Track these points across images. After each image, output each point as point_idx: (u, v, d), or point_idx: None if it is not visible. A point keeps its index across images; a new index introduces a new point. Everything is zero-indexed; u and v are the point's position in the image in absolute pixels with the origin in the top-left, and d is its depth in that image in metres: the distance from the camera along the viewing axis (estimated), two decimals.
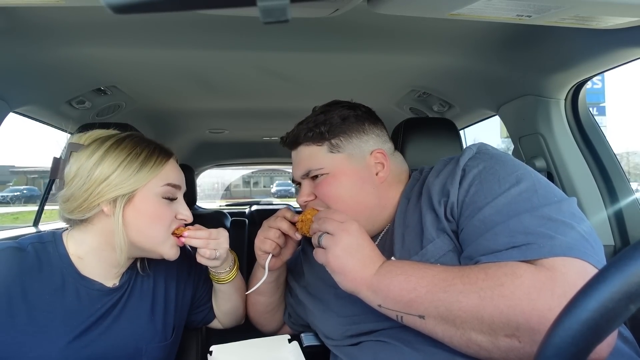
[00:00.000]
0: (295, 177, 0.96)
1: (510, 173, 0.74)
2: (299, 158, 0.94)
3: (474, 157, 0.80)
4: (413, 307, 0.69)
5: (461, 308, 0.64)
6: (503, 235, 0.68)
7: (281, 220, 0.94)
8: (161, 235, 0.86)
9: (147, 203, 0.84)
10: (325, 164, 0.89)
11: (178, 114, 2.02)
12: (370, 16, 0.86)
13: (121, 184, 0.82)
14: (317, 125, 0.90)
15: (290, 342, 0.99)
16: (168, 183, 0.86)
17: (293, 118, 1.81)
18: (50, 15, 0.96)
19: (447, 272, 0.68)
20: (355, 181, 0.88)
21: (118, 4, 0.29)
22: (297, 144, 0.93)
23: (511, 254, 0.66)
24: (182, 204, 0.90)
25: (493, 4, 0.71)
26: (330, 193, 0.88)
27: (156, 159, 0.86)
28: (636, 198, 1.22)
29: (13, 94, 1.20)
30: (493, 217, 0.71)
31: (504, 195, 0.72)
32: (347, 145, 0.90)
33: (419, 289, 0.68)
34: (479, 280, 0.65)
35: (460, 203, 0.76)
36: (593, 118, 1.30)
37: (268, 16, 0.30)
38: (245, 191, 15.27)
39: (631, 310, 0.34)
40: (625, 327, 0.75)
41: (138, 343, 0.90)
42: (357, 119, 0.92)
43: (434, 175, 0.83)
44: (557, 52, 1.10)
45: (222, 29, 1.08)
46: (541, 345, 0.37)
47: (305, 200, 0.93)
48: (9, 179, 18.94)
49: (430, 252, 0.77)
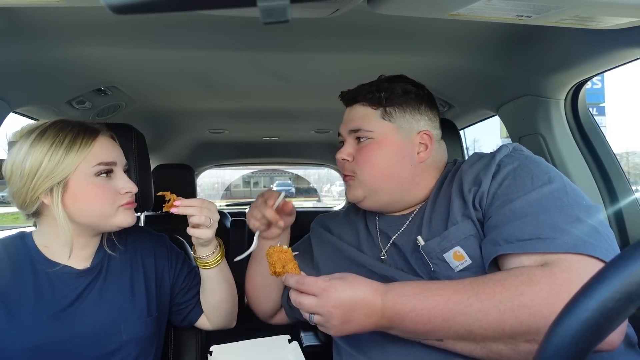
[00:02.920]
0: (343, 131, 0.96)
1: (544, 173, 0.77)
2: (352, 115, 0.95)
3: (509, 155, 0.83)
4: (430, 335, 0.70)
5: (482, 326, 0.65)
6: (530, 226, 0.70)
7: (261, 205, 0.98)
8: (107, 212, 0.88)
9: (82, 186, 0.85)
10: (375, 127, 0.91)
11: (178, 114, 2.02)
12: (370, 16, 0.86)
13: (52, 174, 0.83)
14: (379, 90, 0.92)
15: (290, 342, 0.99)
16: (99, 162, 0.87)
17: (293, 118, 1.81)
18: (50, 15, 0.96)
19: (460, 293, 0.67)
20: (395, 153, 0.90)
21: (118, 4, 0.29)
22: (355, 101, 0.95)
23: (535, 245, 0.68)
24: (121, 178, 0.91)
25: (493, 4, 0.71)
26: (370, 159, 0.90)
27: (81, 141, 0.86)
28: (636, 198, 1.22)
29: (13, 94, 1.20)
30: (524, 209, 0.72)
31: (536, 191, 0.74)
32: (399, 117, 0.91)
33: (434, 321, 0.67)
34: (496, 294, 0.65)
35: (491, 194, 0.78)
36: (593, 118, 1.30)
37: (268, 16, 0.30)
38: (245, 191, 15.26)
39: (631, 310, 0.34)
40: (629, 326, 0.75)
41: (116, 321, 0.91)
42: (417, 97, 0.94)
43: (467, 165, 0.86)
44: (557, 52, 1.10)
45: (222, 29, 1.08)
46: (541, 345, 0.37)
47: (344, 158, 0.94)
48: None
49: (452, 234, 0.79)
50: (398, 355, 0.78)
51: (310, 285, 0.72)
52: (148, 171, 1.23)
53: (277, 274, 0.80)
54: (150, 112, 1.88)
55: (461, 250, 0.78)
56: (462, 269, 0.78)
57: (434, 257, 0.80)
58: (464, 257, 0.78)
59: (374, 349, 0.82)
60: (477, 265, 0.77)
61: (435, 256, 0.80)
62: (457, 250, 0.78)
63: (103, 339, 0.90)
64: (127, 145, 1.03)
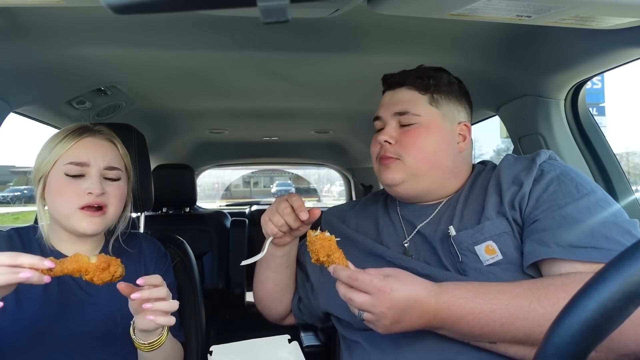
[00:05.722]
0: (385, 114, 0.94)
1: (586, 183, 0.79)
2: (397, 97, 0.93)
3: (548, 161, 0.85)
4: (484, 338, 0.70)
5: (542, 332, 0.64)
6: (585, 234, 0.71)
7: (286, 210, 0.90)
8: (66, 210, 0.89)
9: (54, 181, 0.90)
10: (423, 112, 0.90)
11: (178, 114, 2.02)
12: (370, 16, 0.86)
13: (40, 167, 0.91)
14: (427, 77, 0.92)
15: (290, 343, 0.99)
16: (70, 161, 0.89)
17: (293, 118, 1.82)
18: (50, 15, 0.96)
19: (520, 297, 0.67)
20: (441, 139, 0.90)
21: (118, 4, 0.29)
22: (402, 85, 0.94)
23: (590, 254, 0.69)
24: (90, 180, 0.90)
25: (493, 4, 0.71)
26: (418, 142, 0.89)
27: (64, 140, 0.91)
28: (636, 198, 1.22)
29: (13, 94, 1.20)
30: (575, 215, 0.73)
31: (584, 200, 0.75)
32: (445, 105, 0.92)
33: (492, 324, 0.67)
34: (559, 300, 0.65)
35: (534, 197, 0.79)
36: (593, 118, 1.30)
37: (268, 16, 0.30)
38: (245, 191, 15.27)
39: (631, 310, 0.34)
40: None
41: (114, 315, 0.92)
42: (460, 89, 0.96)
43: (505, 165, 0.88)
44: (557, 52, 1.10)
45: (222, 29, 1.08)
46: (541, 345, 0.37)
47: (386, 140, 0.91)
48: (10, 179, 18.91)
49: (487, 228, 0.80)
50: (410, 348, 0.79)
51: (364, 283, 0.69)
52: (148, 171, 1.23)
53: (320, 262, 0.76)
54: (150, 112, 1.88)
55: (494, 244, 0.79)
56: (491, 263, 0.78)
57: (464, 249, 0.81)
58: (496, 252, 0.78)
59: (387, 342, 0.82)
60: (507, 262, 0.77)
61: (466, 247, 0.80)
62: (490, 244, 0.79)
63: (101, 331, 0.91)
64: (127, 145, 1.03)
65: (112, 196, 0.92)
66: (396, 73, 0.96)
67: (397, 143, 0.91)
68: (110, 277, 0.74)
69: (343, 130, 2.51)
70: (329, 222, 1.09)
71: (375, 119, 0.97)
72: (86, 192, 0.89)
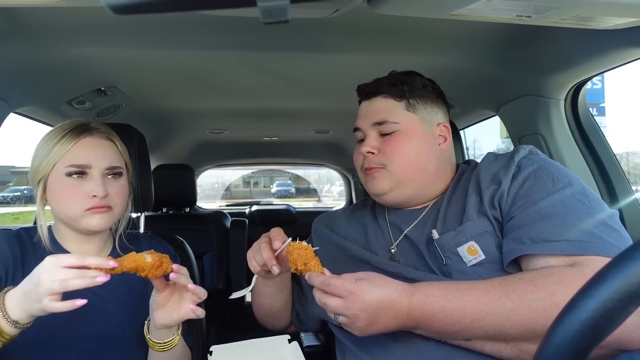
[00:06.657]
0: (364, 125, 0.95)
1: (564, 175, 0.79)
2: (373, 108, 0.94)
3: (527, 157, 0.85)
4: (458, 335, 0.70)
5: (513, 326, 0.65)
6: (558, 227, 0.71)
7: (265, 248, 0.88)
8: (74, 212, 0.88)
9: (55, 185, 0.88)
10: (401, 119, 0.91)
11: (178, 114, 2.02)
12: (370, 16, 0.85)
13: (38, 169, 0.89)
14: (401, 83, 0.92)
15: (290, 343, 0.99)
16: (71, 164, 0.88)
17: (293, 118, 1.81)
18: (50, 15, 0.96)
19: (489, 293, 0.68)
20: (422, 143, 0.91)
21: (118, 4, 0.29)
22: (376, 94, 0.94)
23: (563, 247, 0.69)
24: (92, 181, 0.89)
25: (493, 4, 0.71)
26: (399, 149, 0.89)
27: (63, 140, 0.88)
28: (636, 198, 1.22)
29: (13, 95, 1.20)
30: (548, 210, 0.73)
31: (558, 193, 0.75)
32: (422, 109, 0.92)
33: (463, 321, 0.68)
34: (528, 294, 0.65)
35: (512, 194, 0.79)
36: (593, 118, 1.30)
37: (268, 16, 0.30)
38: (245, 191, 15.26)
39: (631, 310, 0.34)
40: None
41: (121, 320, 0.92)
42: (435, 91, 0.96)
43: (485, 164, 0.88)
44: (557, 52, 1.10)
45: (222, 29, 1.08)
46: (541, 345, 0.37)
47: (368, 151, 0.92)
48: (10, 179, 18.90)
49: (468, 229, 0.80)
50: (401, 353, 0.79)
51: (336, 287, 0.71)
52: (148, 171, 1.23)
53: (298, 271, 0.79)
54: (150, 112, 1.88)
55: (475, 245, 0.79)
56: (475, 264, 0.78)
57: (447, 251, 0.81)
58: (478, 252, 0.78)
59: (377, 347, 0.82)
60: (490, 261, 0.78)
61: (449, 250, 0.81)
62: (472, 244, 0.79)
63: (108, 335, 0.90)
64: (127, 145, 1.03)
65: (116, 196, 0.92)
66: (369, 82, 0.96)
67: (380, 152, 0.91)
68: (163, 273, 0.78)
69: (343, 130, 2.51)
70: (318, 229, 1.10)
71: (354, 129, 0.97)
72: (90, 195, 0.89)
